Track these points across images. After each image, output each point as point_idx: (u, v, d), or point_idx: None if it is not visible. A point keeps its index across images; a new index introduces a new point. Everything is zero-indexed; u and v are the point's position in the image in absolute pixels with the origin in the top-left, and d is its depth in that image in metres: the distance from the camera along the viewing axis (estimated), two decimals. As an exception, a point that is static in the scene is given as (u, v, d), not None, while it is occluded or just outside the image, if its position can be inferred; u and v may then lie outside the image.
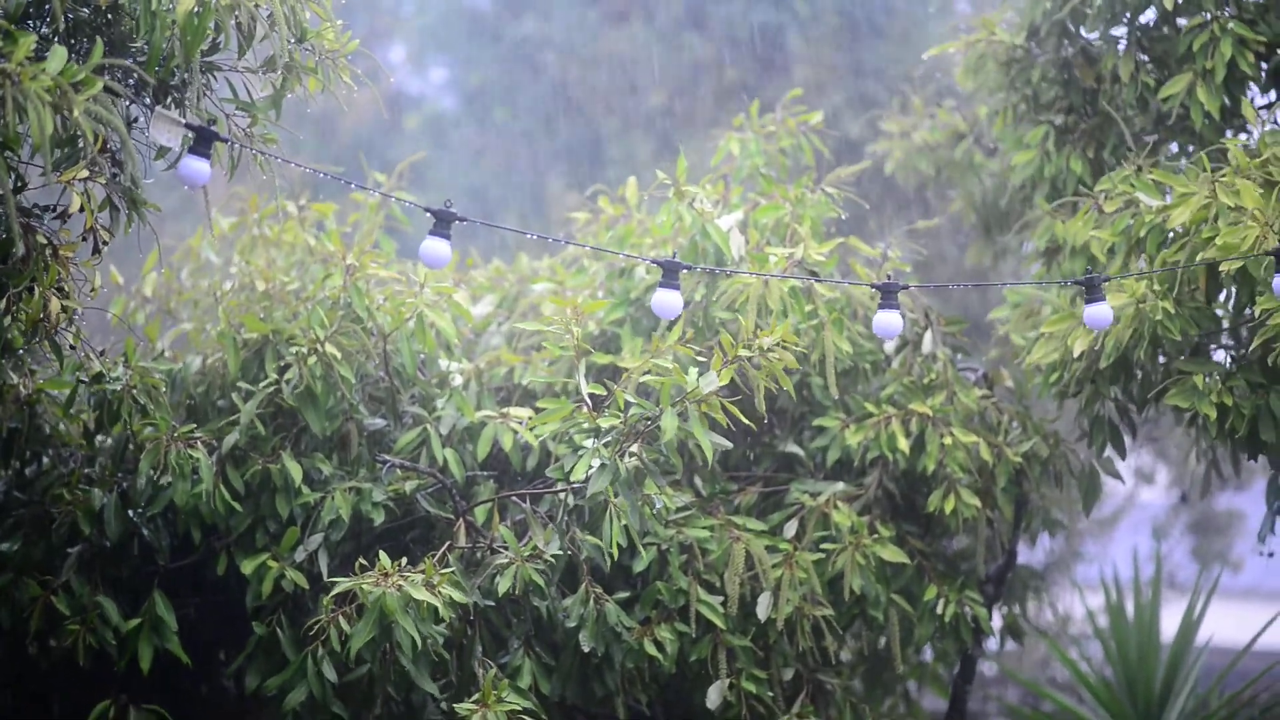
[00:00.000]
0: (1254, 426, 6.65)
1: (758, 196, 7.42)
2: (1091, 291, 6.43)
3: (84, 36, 5.53)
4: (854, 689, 7.32)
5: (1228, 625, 9.51)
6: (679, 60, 10.82)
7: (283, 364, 6.66)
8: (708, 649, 6.70)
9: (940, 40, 8.13)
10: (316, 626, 6.18)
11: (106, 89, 5.17)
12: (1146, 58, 7.44)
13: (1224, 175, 6.53)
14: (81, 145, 5.34)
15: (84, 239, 5.55)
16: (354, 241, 7.03)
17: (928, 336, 7.42)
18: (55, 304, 5.52)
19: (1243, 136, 7.20)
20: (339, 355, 6.61)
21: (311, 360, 6.59)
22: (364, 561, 6.21)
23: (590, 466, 6.30)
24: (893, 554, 6.97)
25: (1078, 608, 10.73)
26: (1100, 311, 6.42)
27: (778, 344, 6.29)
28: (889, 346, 7.46)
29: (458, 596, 6.15)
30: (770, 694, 6.76)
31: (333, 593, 6.12)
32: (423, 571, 6.12)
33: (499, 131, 11.18)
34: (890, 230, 7.05)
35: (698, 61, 10.59)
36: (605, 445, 6.30)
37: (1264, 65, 7.22)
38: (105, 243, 5.57)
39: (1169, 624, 9.24)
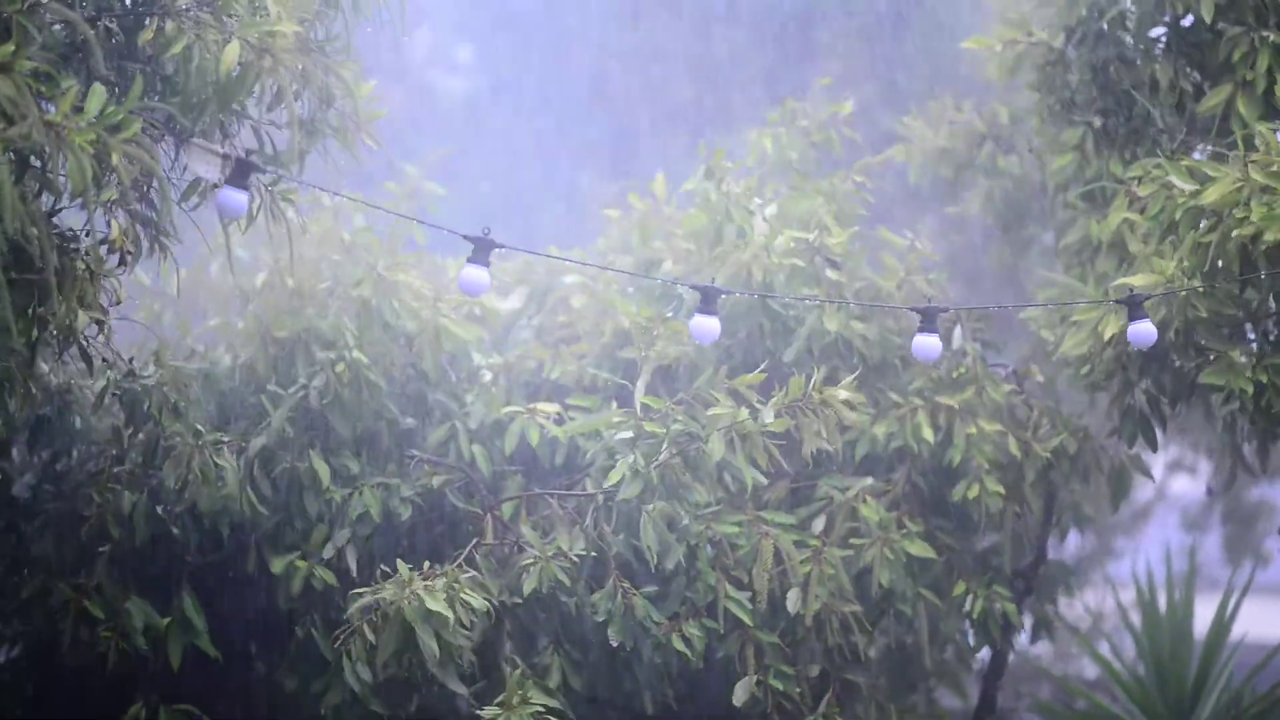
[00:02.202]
0: None
1: (790, 189, 7.42)
2: (1134, 310, 6.42)
3: (122, 69, 5.63)
4: (880, 686, 7.29)
5: (1261, 621, 9.46)
6: (710, 53, 10.81)
7: (312, 369, 6.67)
8: (736, 645, 6.69)
9: (971, 33, 8.09)
10: (344, 635, 6.20)
11: (144, 128, 5.30)
12: (1184, 62, 7.37)
13: (1256, 157, 6.47)
14: (113, 176, 5.40)
15: (112, 254, 5.63)
16: (386, 240, 7.02)
17: (957, 331, 7.40)
18: (83, 318, 5.60)
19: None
20: (366, 362, 6.62)
21: (340, 367, 6.60)
22: (385, 568, 6.22)
23: (624, 473, 6.32)
24: (921, 549, 6.95)
25: (1109, 603, 10.68)
26: (1144, 329, 6.42)
27: (843, 401, 6.36)
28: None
29: (476, 604, 6.16)
30: (798, 690, 6.75)
31: (356, 605, 6.14)
32: (444, 576, 6.13)
33: (530, 125, 11.19)
34: (919, 220, 7.04)
35: (730, 54, 10.57)
36: (640, 453, 6.33)
37: None
38: (131, 252, 5.64)
39: (1201, 619, 9.18)
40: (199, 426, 6.46)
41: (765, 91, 8.06)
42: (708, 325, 6.24)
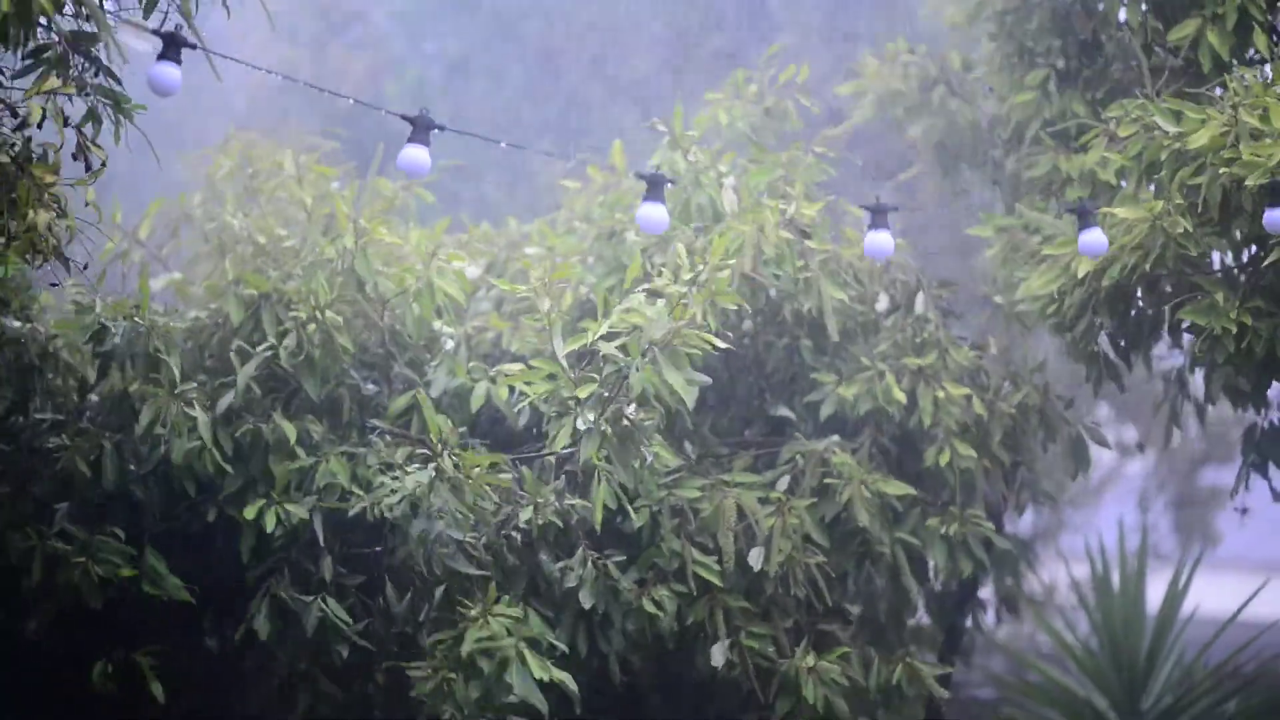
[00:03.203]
0: (1270, 347, 6.60)
1: (748, 162, 7.40)
2: (1084, 219, 6.48)
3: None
4: (859, 637, 7.30)
5: (1212, 596, 9.53)
6: (662, 27, 10.78)
7: (282, 329, 6.61)
8: (704, 610, 6.67)
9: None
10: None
11: None
12: (1146, 7, 7.38)
13: (1248, 99, 6.48)
14: (49, 53, 5.20)
15: (75, 158, 5.43)
16: (361, 205, 6.97)
17: (919, 298, 7.41)
18: (44, 217, 5.40)
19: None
20: (340, 323, 6.57)
21: (311, 328, 6.54)
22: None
23: (575, 432, 6.27)
24: (897, 488, 6.96)
25: (1063, 578, 10.73)
26: (1094, 238, 6.49)
27: (719, 265, 6.26)
28: (881, 307, 7.45)
29: (502, 480, 6.23)
30: (772, 649, 6.73)
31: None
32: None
33: (481, 98, 11.13)
34: (875, 192, 7.01)
35: (681, 29, 10.55)
36: (589, 410, 6.28)
37: (1277, 7, 7.17)
38: (103, 164, 5.44)
39: (1155, 595, 9.25)
40: (175, 375, 6.39)
41: (723, 64, 8.02)
42: (655, 214, 6.14)
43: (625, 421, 6.31)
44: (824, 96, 8.17)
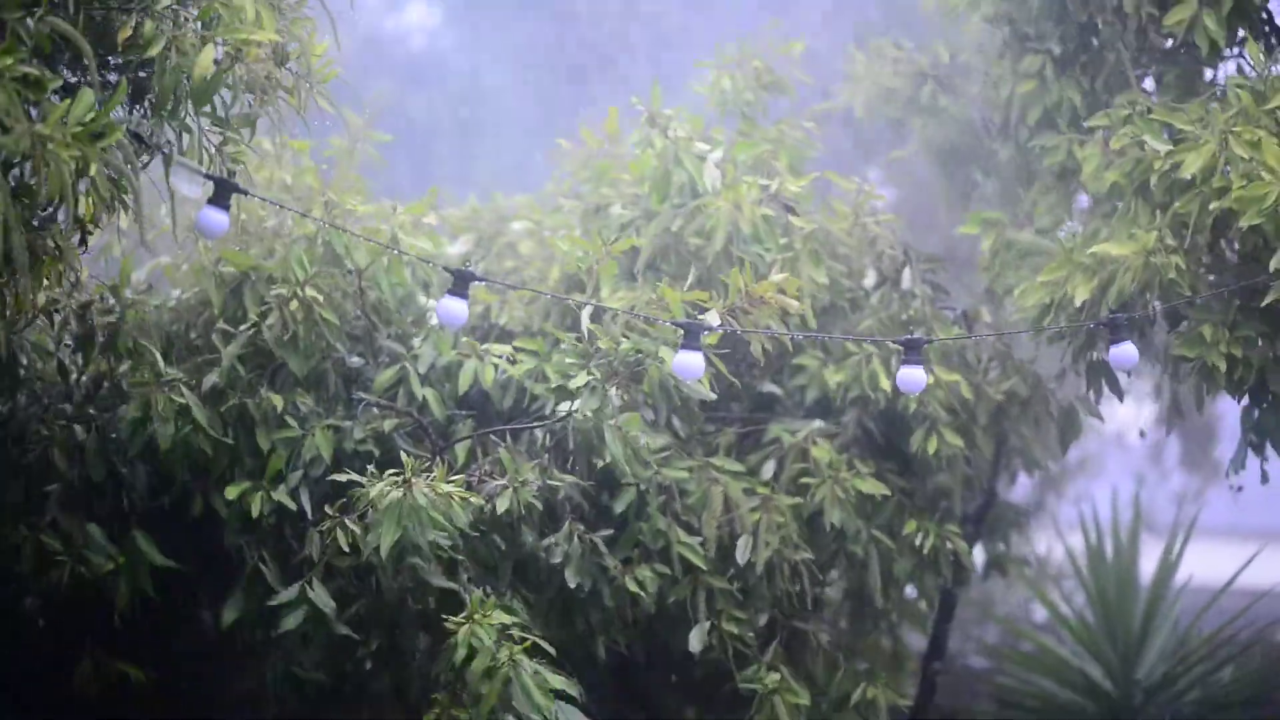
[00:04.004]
0: (1262, 376, 6.63)
1: (736, 134, 7.38)
2: (1116, 332, 6.37)
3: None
4: (834, 634, 7.31)
5: (1206, 565, 9.53)
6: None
7: (264, 307, 6.61)
8: (687, 590, 6.68)
9: None
10: (323, 531, 6.19)
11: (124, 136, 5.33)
12: None
13: (1236, 126, 6.44)
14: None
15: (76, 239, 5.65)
16: (331, 180, 6.97)
17: (906, 273, 7.39)
18: (40, 299, 5.71)
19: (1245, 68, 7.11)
20: (320, 299, 6.57)
21: (294, 304, 6.55)
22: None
23: (578, 395, 6.29)
24: (872, 486, 6.95)
25: (1058, 548, 10.74)
26: (1126, 351, 6.38)
27: (777, 292, 6.31)
28: (868, 283, 7.44)
29: (475, 499, 6.15)
30: (750, 634, 6.75)
31: (353, 497, 6.13)
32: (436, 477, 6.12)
33: (484, 63, 11.11)
34: (866, 165, 7.02)
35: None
36: (596, 370, 6.31)
37: None
38: (91, 232, 5.68)
39: (1149, 563, 9.25)
40: (160, 362, 6.40)
41: (723, 37, 7.99)
42: (692, 362, 6.18)
43: (624, 396, 6.35)
44: (822, 75, 8.13)
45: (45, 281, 5.51)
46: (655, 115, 7.13)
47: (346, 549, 6.15)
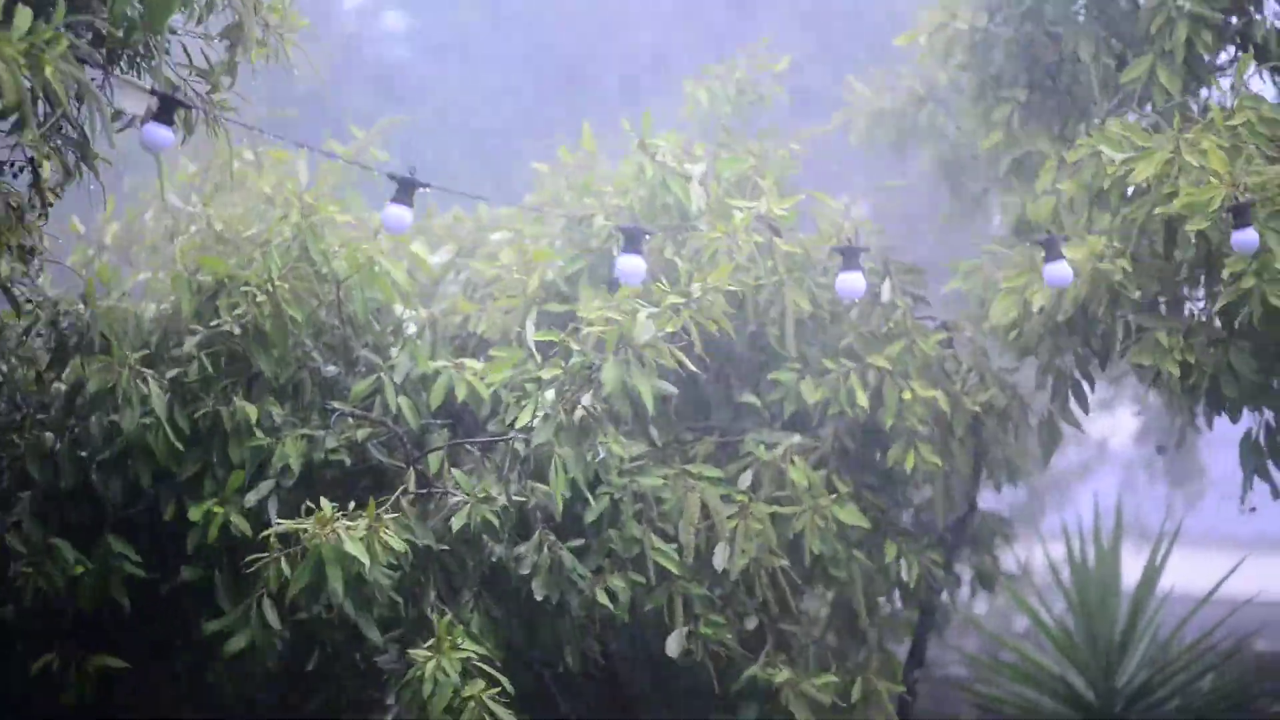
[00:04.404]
0: (1215, 382, 6.71)
1: (720, 148, 7.41)
2: (1050, 250, 6.51)
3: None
4: (823, 640, 7.34)
5: (1188, 574, 9.55)
6: (648, 9, 10.77)
7: (234, 306, 6.66)
8: (664, 598, 6.71)
9: None
10: (258, 566, 6.20)
11: (71, 48, 5.18)
12: (1106, 34, 7.45)
13: (1190, 133, 6.54)
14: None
15: (31, 203, 5.57)
16: (313, 185, 7.02)
17: (886, 285, 7.40)
18: (4, 267, 5.60)
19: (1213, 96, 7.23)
20: (289, 295, 6.60)
21: (261, 299, 6.58)
22: (311, 504, 6.23)
23: (535, 415, 6.32)
24: (851, 515, 6.96)
25: (1039, 557, 10.76)
26: (1059, 270, 6.54)
27: (713, 288, 6.32)
28: (847, 297, 7.45)
29: (397, 545, 6.16)
30: (729, 636, 6.77)
31: (272, 531, 6.14)
32: (366, 517, 6.14)
33: (460, 80, 11.13)
34: (847, 183, 7.08)
35: (666, 11, 10.54)
36: (550, 395, 6.33)
37: (1225, 33, 7.24)
38: (52, 203, 5.61)
39: (1133, 572, 9.27)
40: (130, 357, 6.43)
41: (705, 51, 8.05)
42: (634, 265, 6.26)
43: (581, 411, 6.36)
44: (805, 80, 8.17)
45: (6, 248, 5.44)
46: (646, 142, 7.15)
47: (275, 590, 6.19)
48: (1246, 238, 6.33)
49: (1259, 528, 10.47)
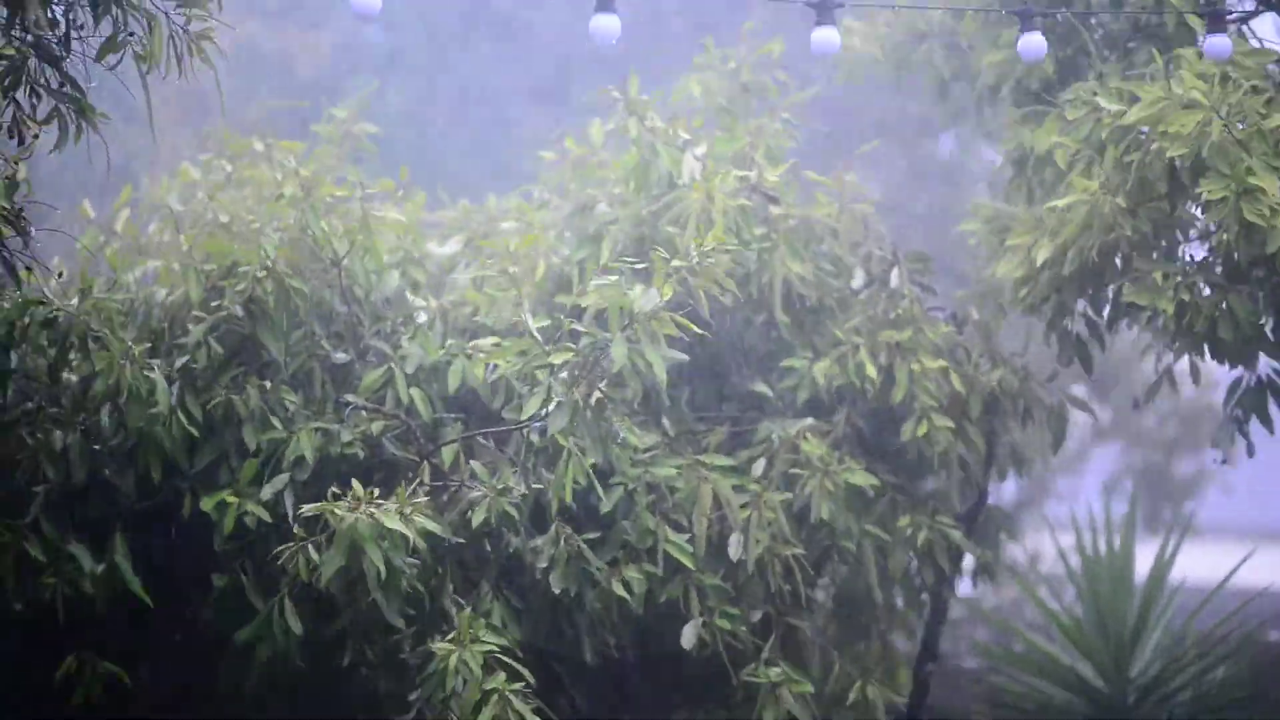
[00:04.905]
0: (1213, 325, 6.64)
1: (719, 131, 7.38)
2: (1025, 22, 6.57)
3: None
4: (827, 633, 7.30)
5: (1199, 565, 9.51)
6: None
7: (237, 284, 6.62)
8: (679, 589, 6.66)
9: None
10: (284, 559, 6.14)
11: None
12: None
13: (1183, 71, 6.57)
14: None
15: (10, 134, 5.45)
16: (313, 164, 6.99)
17: (895, 273, 7.38)
18: None
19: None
20: (290, 272, 6.55)
21: (261, 274, 6.55)
22: (337, 489, 6.18)
23: (547, 404, 6.26)
24: (863, 479, 6.92)
25: (1048, 546, 10.72)
26: (1034, 41, 6.58)
27: (713, 250, 6.25)
28: (856, 283, 7.42)
29: (432, 526, 6.11)
30: (743, 627, 6.73)
31: (303, 512, 6.09)
32: (396, 502, 6.09)
33: (458, 70, 11.09)
34: (842, 162, 7.05)
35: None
36: (561, 381, 6.27)
37: None
38: (35, 136, 5.46)
39: (1140, 564, 9.23)
40: (133, 349, 6.36)
41: (700, 36, 7.99)
42: (608, 23, 6.15)
43: (598, 395, 6.29)
44: (797, 70, 8.11)
45: None
46: (633, 103, 7.12)
47: (307, 579, 6.13)
48: (1220, 43, 6.43)
49: (1270, 518, 10.48)
